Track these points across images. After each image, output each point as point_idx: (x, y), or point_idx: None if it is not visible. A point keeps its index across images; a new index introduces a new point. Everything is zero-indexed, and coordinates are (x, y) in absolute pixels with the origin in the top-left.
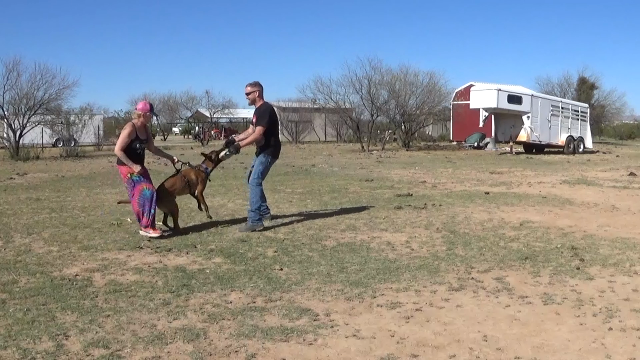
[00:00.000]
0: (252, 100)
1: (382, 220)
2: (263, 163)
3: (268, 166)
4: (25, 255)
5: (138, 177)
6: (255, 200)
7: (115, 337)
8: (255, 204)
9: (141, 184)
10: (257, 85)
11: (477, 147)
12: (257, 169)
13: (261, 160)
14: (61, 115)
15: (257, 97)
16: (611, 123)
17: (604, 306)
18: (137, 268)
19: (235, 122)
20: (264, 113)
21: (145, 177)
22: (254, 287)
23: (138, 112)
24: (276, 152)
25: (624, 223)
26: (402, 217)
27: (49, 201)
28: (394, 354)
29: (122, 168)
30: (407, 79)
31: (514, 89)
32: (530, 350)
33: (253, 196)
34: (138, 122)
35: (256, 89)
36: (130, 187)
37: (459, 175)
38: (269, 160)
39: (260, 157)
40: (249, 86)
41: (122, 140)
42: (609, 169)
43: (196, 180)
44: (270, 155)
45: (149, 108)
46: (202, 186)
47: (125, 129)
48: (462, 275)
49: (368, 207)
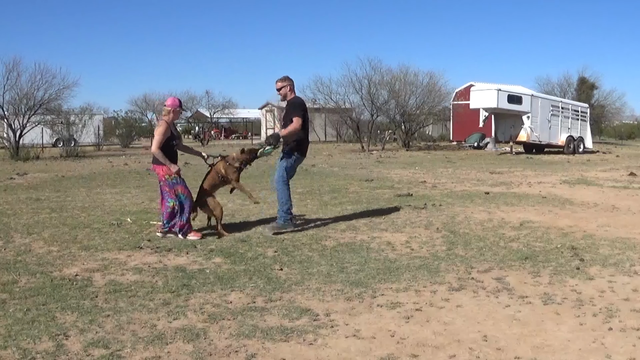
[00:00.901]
0: (284, 95)
1: (382, 220)
2: (288, 161)
3: (294, 164)
4: (25, 255)
5: (176, 179)
6: (284, 200)
7: (115, 337)
8: (285, 204)
9: (178, 186)
10: (287, 79)
11: (477, 147)
12: (281, 167)
13: (288, 157)
14: (61, 115)
15: (289, 91)
16: (611, 123)
17: (604, 306)
18: (137, 268)
19: (235, 122)
20: (296, 105)
21: (182, 179)
22: (254, 287)
23: (167, 108)
24: (303, 149)
25: (624, 223)
26: (402, 217)
27: (49, 201)
28: (394, 354)
29: (159, 168)
30: (407, 79)
31: (514, 89)
32: (530, 350)
33: (281, 196)
34: (169, 119)
35: (286, 84)
36: (165, 187)
37: (459, 175)
38: (295, 158)
39: (287, 153)
40: (279, 81)
41: (158, 139)
42: (609, 169)
43: (226, 171)
44: (296, 152)
45: (178, 103)
46: (235, 175)
47: (159, 127)
48: (462, 275)
49: (368, 207)
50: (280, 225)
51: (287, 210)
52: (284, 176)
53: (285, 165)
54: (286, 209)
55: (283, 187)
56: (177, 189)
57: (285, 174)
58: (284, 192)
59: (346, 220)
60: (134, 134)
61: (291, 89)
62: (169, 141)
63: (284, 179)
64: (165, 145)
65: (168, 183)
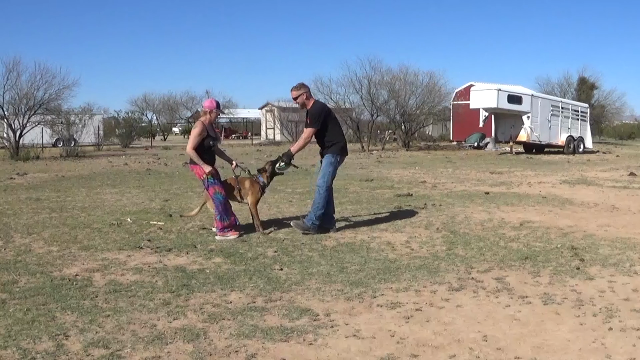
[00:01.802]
0: (302, 103)
1: (382, 220)
2: (332, 163)
3: (337, 166)
4: (25, 255)
5: (212, 179)
6: (320, 205)
7: (115, 337)
8: (319, 210)
9: (214, 186)
10: (301, 87)
11: (477, 147)
12: (326, 170)
13: (329, 160)
14: (61, 115)
15: (306, 99)
16: (611, 123)
17: (604, 306)
18: (137, 268)
19: (235, 122)
20: (315, 114)
21: (217, 179)
22: (254, 287)
23: (205, 109)
24: (343, 150)
25: (624, 223)
26: (402, 217)
27: (49, 201)
28: (394, 354)
29: (197, 168)
30: (407, 79)
31: (514, 89)
32: (530, 350)
33: (319, 200)
34: (206, 120)
35: (302, 91)
36: (205, 187)
37: (459, 175)
38: (337, 160)
39: (327, 157)
40: (293, 90)
41: (192, 139)
42: (609, 169)
43: (249, 190)
44: (338, 154)
45: (216, 105)
46: (255, 198)
47: (196, 127)
48: (462, 275)
49: (368, 207)
50: (305, 226)
51: (319, 216)
52: (328, 181)
53: (331, 170)
54: (318, 215)
55: (324, 194)
56: (214, 188)
57: (329, 179)
58: (324, 198)
59: (346, 220)
60: (134, 134)
61: (308, 96)
62: (205, 141)
63: (327, 185)
64: (201, 146)
65: (204, 183)
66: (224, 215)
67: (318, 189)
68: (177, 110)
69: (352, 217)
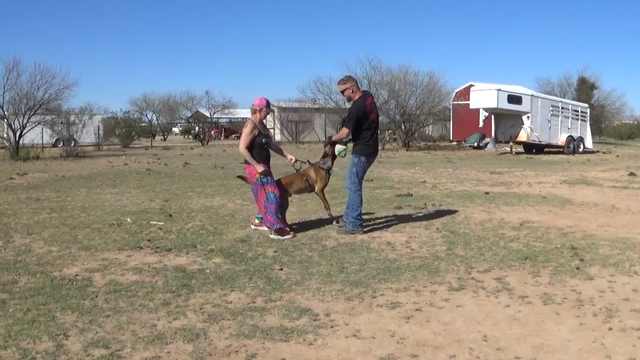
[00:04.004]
0: (349, 97)
1: (382, 220)
2: (356, 164)
3: (363, 167)
4: (25, 255)
5: (266, 178)
6: (355, 206)
7: (115, 337)
8: (356, 211)
9: (267, 186)
10: (348, 80)
11: (477, 147)
12: (351, 172)
13: (353, 161)
14: (61, 115)
15: (352, 93)
16: (611, 123)
17: (604, 306)
18: (137, 268)
19: (235, 122)
20: (350, 113)
21: (271, 178)
22: (254, 287)
23: (255, 107)
24: (370, 150)
25: (624, 223)
26: (402, 217)
27: (49, 201)
28: (394, 354)
29: (250, 168)
30: (407, 79)
31: (514, 89)
32: (530, 350)
33: (353, 202)
34: (256, 118)
35: (348, 85)
36: (256, 188)
37: (459, 175)
38: (363, 160)
39: (353, 157)
40: (340, 84)
41: (244, 138)
42: (608, 169)
43: (315, 178)
44: (362, 155)
45: (265, 103)
46: (322, 184)
47: (246, 126)
48: (462, 275)
49: (368, 207)
50: (349, 229)
51: (358, 216)
52: (356, 182)
53: (355, 171)
54: (356, 215)
55: (355, 194)
56: (267, 188)
57: (357, 179)
58: (357, 198)
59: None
60: (134, 134)
61: (354, 90)
62: (257, 138)
63: (356, 185)
64: (254, 143)
65: (258, 183)
66: (279, 215)
67: (349, 191)
68: (177, 110)
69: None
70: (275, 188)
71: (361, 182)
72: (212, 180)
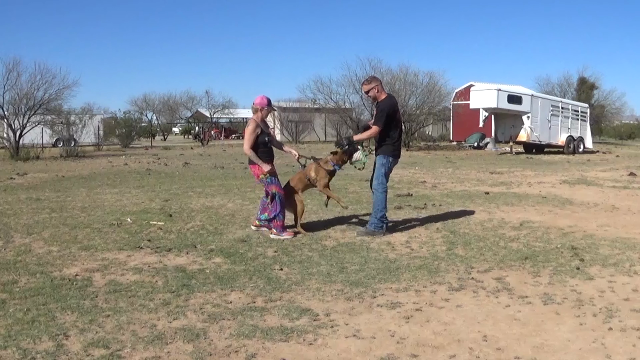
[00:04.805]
0: (374, 97)
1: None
2: (384, 165)
3: (390, 167)
4: (25, 255)
5: (270, 178)
6: (380, 207)
7: (115, 337)
8: (380, 212)
9: (271, 186)
10: (373, 80)
11: (477, 147)
12: (379, 173)
13: (381, 162)
14: (61, 115)
15: (377, 92)
16: (611, 123)
17: (604, 306)
18: (137, 268)
19: (235, 122)
20: (381, 111)
21: (276, 178)
22: (254, 287)
23: (256, 106)
24: (395, 151)
25: (624, 223)
26: (402, 217)
27: (49, 201)
28: (394, 354)
29: (255, 168)
30: (407, 79)
31: (514, 89)
32: (530, 350)
33: (378, 203)
34: (258, 117)
35: (373, 85)
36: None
37: (459, 175)
38: (390, 161)
39: (379, 158)
40: (365, 84)
41: (248, 138)
42: (609, 169)
43: (315, 177)
44: (390, 155)
45: (267, 102)
46: (323, 182)
47: (249, 126)
48: (462, 275)
49: (368, 207)
50: (370, 230)
51: (381, 218)
52: (384, 183)
53: (383, 172)
54: (380, 216)
55: (381, 195)
56: (271, 188)
57: (384, 180)
58: (382, 200)
59: (346, 220)
60: (134, 134)
61: (379, 90)
62: (261, 137)
63: (383, 186)
64: (257, 142)
65: (263, 182)
66: (281, 215)
67: (375, 192)
68: (177, 110)
69: (352, 217)
70: (279, 188)
71: (387, 182)
72: (212, 180)
